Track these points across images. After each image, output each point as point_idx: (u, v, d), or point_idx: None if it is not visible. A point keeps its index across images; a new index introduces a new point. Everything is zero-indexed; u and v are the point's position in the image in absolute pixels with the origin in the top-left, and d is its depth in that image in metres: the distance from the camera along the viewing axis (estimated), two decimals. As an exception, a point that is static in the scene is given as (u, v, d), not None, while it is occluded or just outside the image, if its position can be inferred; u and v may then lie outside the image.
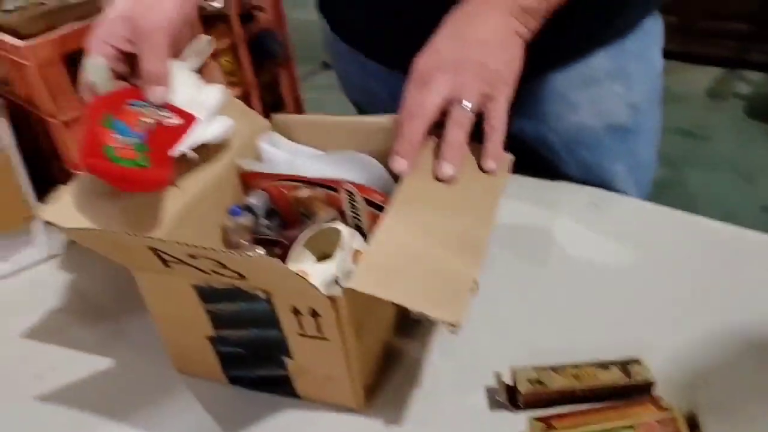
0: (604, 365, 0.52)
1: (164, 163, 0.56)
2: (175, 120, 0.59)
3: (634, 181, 0.79)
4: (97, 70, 0.57)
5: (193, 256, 0.44)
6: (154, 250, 0.45)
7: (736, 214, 1.95)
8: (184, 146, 0.58)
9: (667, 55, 0.76)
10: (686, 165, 2.04)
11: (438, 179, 0.54)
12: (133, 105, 0.58)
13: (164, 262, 0.46)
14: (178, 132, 0.58)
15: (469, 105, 0.53)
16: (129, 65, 0.59)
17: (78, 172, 0.62)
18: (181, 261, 0.45)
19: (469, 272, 0.46)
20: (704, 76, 2.55)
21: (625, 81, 0.72)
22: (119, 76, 0.59)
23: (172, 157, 0.56)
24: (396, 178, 0.56)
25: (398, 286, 0.44)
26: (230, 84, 0.84)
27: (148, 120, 0.58)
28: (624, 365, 0.51)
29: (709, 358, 0.54)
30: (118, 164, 0.53)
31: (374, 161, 0.61)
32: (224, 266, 0.44)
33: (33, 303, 0.68)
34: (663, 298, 0.61)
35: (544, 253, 0.68)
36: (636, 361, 0.52)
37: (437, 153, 0.54)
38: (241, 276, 0.46)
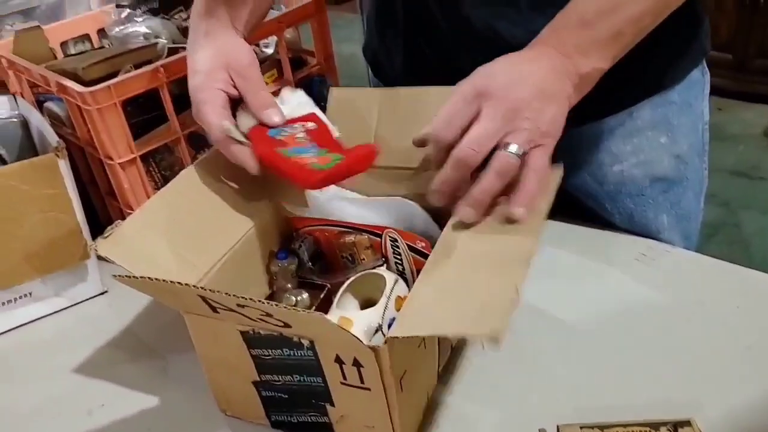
0: (654, 425, 0.50)
1: (346, 149, 0.60)
2: (309, 124, 0.63)
3: (680, 232, 0.77)
4: (234, 132, 0.60)
5: (241, 306, 0.45)
6: (203, 298, 0.46)
7: (793, 261, 1.88)
8: (335, 132, 0.63)
9: (722, 93, 0.75)
10: (741, 206, 1.98)
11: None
12: (274, 134, 0.61)
13: (213, 308, 0.47)
14: (321, 128, 0.63)
15: (517, 153, 0.51)
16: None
17: (130, 211, 0.64)
18: (230, 309, 0.46)
19: (510, 283, 0.45)
20: (759, 115, 2.49)
21: (669, 132, 0.71)
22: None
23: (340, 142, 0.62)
24: (438, 221, 0.57)
25: (437, 320, 0.45)
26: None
27: (299, 135, 0.61)
28: (675, 426, 0.50)
29: (764, 422, 0.52)
30: (331, 169, 0.56)
31: (417, 207, 0.62)
32: (271, 315, 0.45)
33: (84, 338, 0.70)
34: (715, 356, 0.59)
35: (591, 306, 0.66)
36: (687, 423, 0.50)
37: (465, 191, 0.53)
38: (287, 325, 0.46)
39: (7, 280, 0.69)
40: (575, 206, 0.77)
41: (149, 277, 0.45)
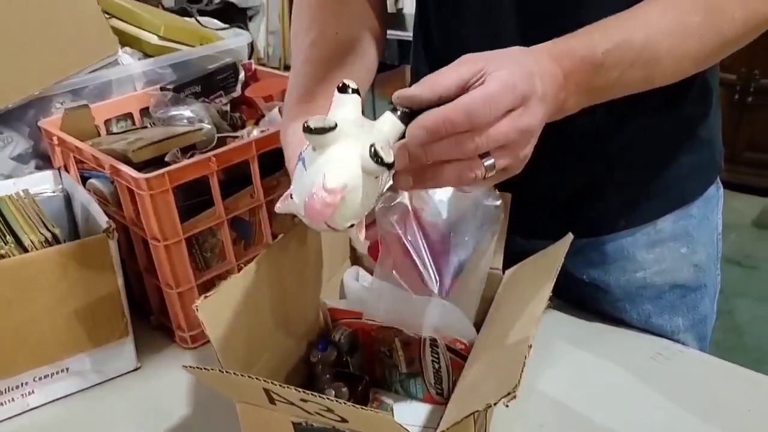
0: None
1: None
2: None
3: (695, 334, 0.81)
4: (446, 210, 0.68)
5: (304, 400, 0.47)
6: (267, 390, 0.48)
7: (787, 351, 1.92)
8: None
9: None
10: (734, 294, 2.03)
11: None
12: None
13: (272, 400, 0.50)
14: None
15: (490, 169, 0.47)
16: None
17: (170, 290, 0.67)
18: (290, 402, 0.49)
19: (524, 340, 0.49)
20: (749, 205, 2.57)
21: (689, 243, 0.76)
22: None
23: None
24: (476, 322, 0.60)
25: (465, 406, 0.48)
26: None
27: None
28: None
29: None
30: None
31: (456, 308, 0.65)
32: (331, 411, 0.48)
33: (118, 415, 0.72)
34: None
35: (608, 402, 0.69)
36: None
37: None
38: (344, 420, 0.49)
39: (51, 355, 0.71)
40: (594, 303, 0.81)
41: (220, 370, 0.47)
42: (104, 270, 0.72)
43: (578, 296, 0.81)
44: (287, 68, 4.87)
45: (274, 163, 0.84)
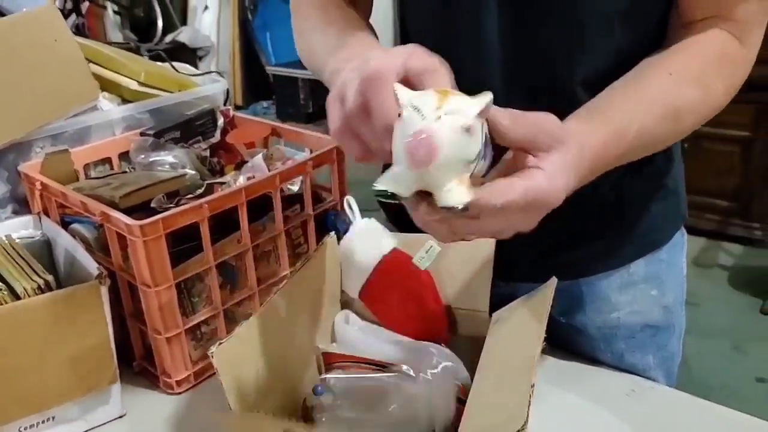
0: None
1: None
2: None
3: (664, 371, 0.86)
4: (432, 256, 0.69)
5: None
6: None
7: (732, 385, 2.02)
8: None
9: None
10: (679, 332, 2.12)
11: None
12: None
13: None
14: None
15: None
16: None
17: (158, 335, 0.67)
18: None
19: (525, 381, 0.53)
20: (691, 245, 2.70)
21: (658, 286, 0.81)
22: None
23: None
24: (469, 367, 0.62)
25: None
26: (297, 254, 0.92)
27: None
28: None
29: None
30: None
31: (450, 353, 0.68)
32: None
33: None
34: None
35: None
36: None
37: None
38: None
39: (39, 404, 0.70)
40: (571, 343, 0.85)
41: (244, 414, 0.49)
42: (95, 316, 0.71)
43: (556, 337, 0.84)
44: (237, 108, 4.87)
45: (260, 209, 0.86)
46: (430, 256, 0.72)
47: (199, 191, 0.85)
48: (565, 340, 0.84)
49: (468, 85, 0.47)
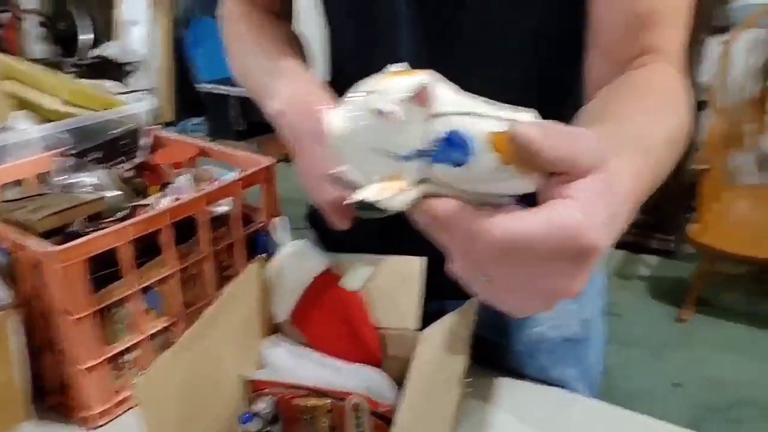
0: None
1: None
2: None
3: (586, 383, 0.89)
4: (363, 277, 0.68)
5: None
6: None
7: (650, 391, 2.10)
8: None
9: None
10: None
11: None
12: None
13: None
14: None
15: None
16: None
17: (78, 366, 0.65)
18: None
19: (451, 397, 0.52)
20: (611, 258, 2.81)
21: (578, 300, 0.84)
22: None
23: None
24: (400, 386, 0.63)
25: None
26: (225, 278, 0.90)
27: None
28: None
29: None
30: None
31: (380, 373, 0.68)
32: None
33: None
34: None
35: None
36: None
37: None
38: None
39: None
40: (497, 359, 0.87)
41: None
42: (6, 349, 0.68)
43: (483, 353, 0.86)
44: (168, 124, 4.75)
45: (185, 231, 0.84)
46: (361, 277, 0.73)
47: (122, 214, 0.83)
48: (492, 356, 0.86)
49: None
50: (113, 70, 4.15)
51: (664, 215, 2.66)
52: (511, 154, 0.35)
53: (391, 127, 0.36)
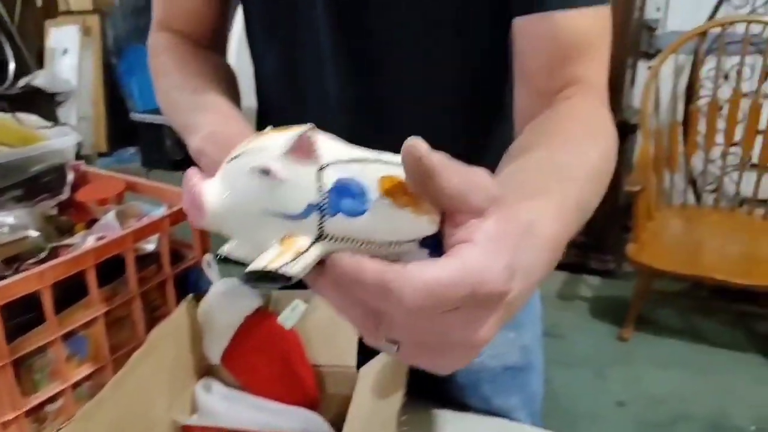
0: None
1: None
2: None
3: (528, 411, 0.89)
4: (298, 315, 0.63)
5: None
6: None
7: (595, 411, 2.13)
8: None
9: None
10: (547, 363, 2.22)
11: None
12: None
13: None
14: None
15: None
16: None
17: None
18: None
19: None
20: (553, 279, 2.86)
21: (516, 328, 0.85)
22: None
23: None
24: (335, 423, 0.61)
25: None
26: (155, 319, 0.87)
27: None
28: None
29: None
30: None
31: (316, 417, 0.66)
32: None
33: None
34: None
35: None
36: None
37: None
38: None
39: None
40: (440, 391, 0.85)
41: None
42: None
43: (422, 386, 0.85)
44: (101, 155, 4.62)
45: (111, 271, 0.80)
46: (296, 315, 0.70)
47: (43, 255, 0.79)
48: (433, 388, 0.85)
49: None
50: (43, 100, 4.02)
51: (603, 235, 2.72)
52: (404, 196, 0.34)
53: (276, 186, 0.33)
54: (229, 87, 0.76)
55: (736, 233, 2.42)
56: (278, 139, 0.34)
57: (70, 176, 1.00)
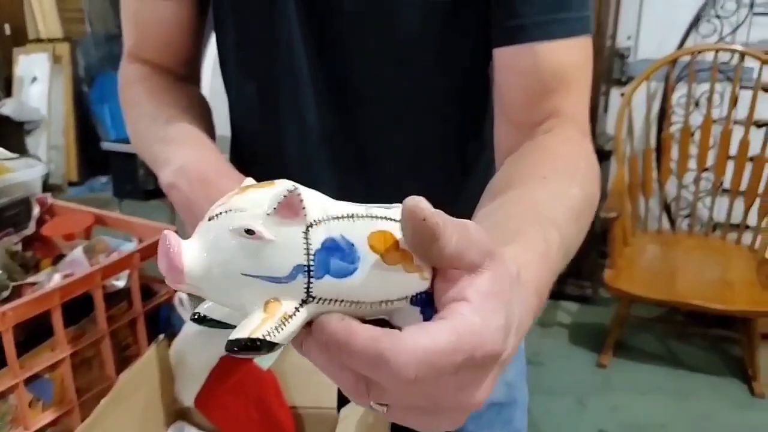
0: None
1: None
2: None
3: (512, 446, 0.86)
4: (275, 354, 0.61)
5: None
6: None
7: (577, 440, 2.11)
8: None
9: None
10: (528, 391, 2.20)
11: None
12: None
13: None
14: None
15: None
16: None
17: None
18: None
19: None
20: (532, 306, 2.84)
21: None
22: None
23: None
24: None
25: None
26: (125, 358, 0.83)
27: None
28: None
29: None
30: None
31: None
32: None
33: None
34: None
35: None
36: None
37: None
38: None
39: None
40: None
41: None
42: None
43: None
44: (72, 184, 4.54)
45: (79, 310, 0.77)
46: (273, 355, 0.68)
47: (5, 294, 0.75)
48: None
49: (293, 165, 0.44)
50: (11, 128, 3.95)
51: (580, 261, 2.72)
52: (395, 252, 0.32)
53: (260, 247, 0.30)
54: (203, 118, 0.74)
55: (710, 258, 2.44)
56: (262, 196, 0.31)
57: (36, 210, 0.97)
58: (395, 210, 0.34)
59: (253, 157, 0.77)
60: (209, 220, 0.32)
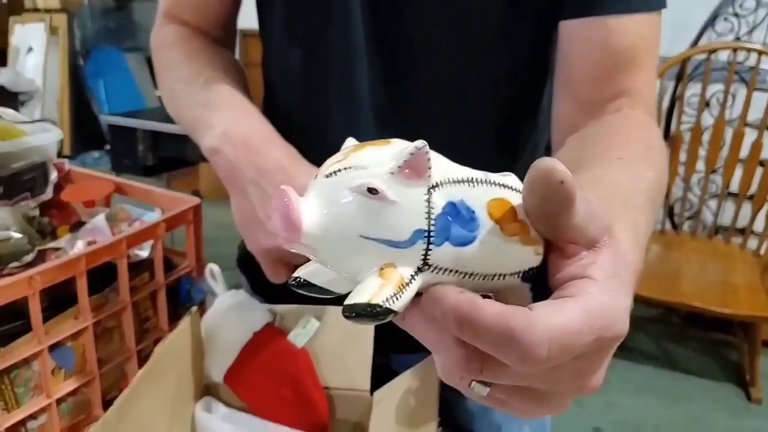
0: None
1: None
2: None
3: (538, 438, 0.85)
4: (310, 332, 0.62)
5: None
6: None
7: (572, 437, 2.11)
8: None
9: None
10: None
11: None
12: None
13: None
14: None
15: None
16: None
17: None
18: None
19: None
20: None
21: None
22: None
23: None
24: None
25: None
26: (145, 330, 0.80)
27: None
28: None
29: None
30: None
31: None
32: None
33: None
34: None
35: None
36: None
37: None
38: None
39: None
40: (449, 417, 0.81)
41: None
42: None
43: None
44: (64, 157, 4.52)
45: (101, 278, 0.74)
46: (308, 333, 0.65)
47: (28, 259, 0.72)
48: (443, 414, 0.80)
49: (336, 134, 0.42)
50: (5, 99, 3.87)
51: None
52: (513, 223, 0.30)
53: (381, 208, 0.28)
54: (241, 82, 0.71)
55: (713, 261, 2.44)
56: (382, 154, 0.29)
57: (54, 175, 0.93)
58: (510, 178, 0.32)
59: (289, 124, 0.75)
60: (327, 177, 0.30)
